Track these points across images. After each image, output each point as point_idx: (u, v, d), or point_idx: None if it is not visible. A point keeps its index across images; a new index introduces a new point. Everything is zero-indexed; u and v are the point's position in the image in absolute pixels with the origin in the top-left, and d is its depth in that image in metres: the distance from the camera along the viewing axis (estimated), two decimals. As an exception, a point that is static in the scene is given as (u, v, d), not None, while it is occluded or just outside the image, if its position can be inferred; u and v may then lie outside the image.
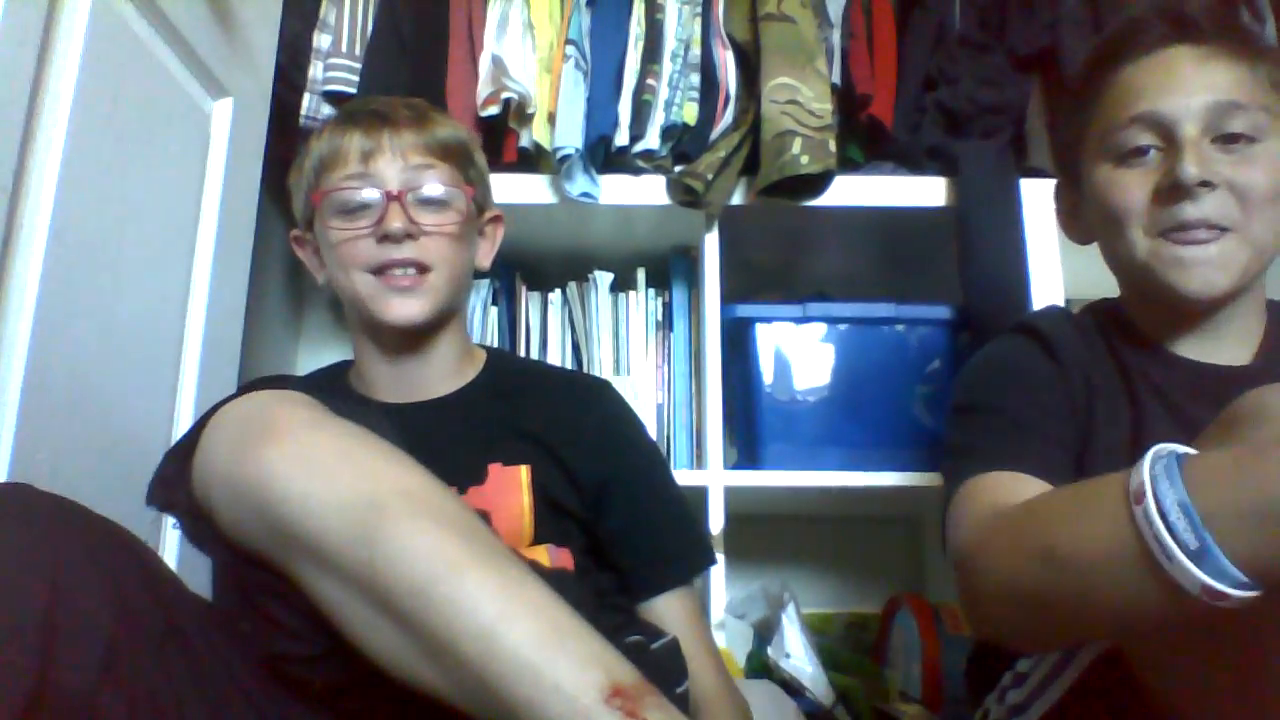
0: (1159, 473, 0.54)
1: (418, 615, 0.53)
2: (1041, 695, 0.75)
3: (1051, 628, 0.66)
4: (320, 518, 0.56)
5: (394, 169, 0.91)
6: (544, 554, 0.88)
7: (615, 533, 0.92)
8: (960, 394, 0.92)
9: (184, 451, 0.63)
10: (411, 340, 0.96)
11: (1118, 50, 0.87)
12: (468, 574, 0.54)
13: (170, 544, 1.02)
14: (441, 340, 0.97)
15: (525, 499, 0.89)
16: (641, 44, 1.47)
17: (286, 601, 0.59)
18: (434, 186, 0.93)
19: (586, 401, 0.98)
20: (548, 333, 1.60)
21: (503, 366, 1.03)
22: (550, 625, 0.53)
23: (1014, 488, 0.77)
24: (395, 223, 0.89)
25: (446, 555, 0.54)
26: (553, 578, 0.71)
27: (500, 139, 1.46)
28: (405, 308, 0.91)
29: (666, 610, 0.91)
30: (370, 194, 0.91)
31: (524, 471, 0.90)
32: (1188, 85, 0.82)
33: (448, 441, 0.93)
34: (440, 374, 0.97)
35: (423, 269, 0.92)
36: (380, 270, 0.91)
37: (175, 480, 0.63)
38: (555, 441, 0.92)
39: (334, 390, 1.00)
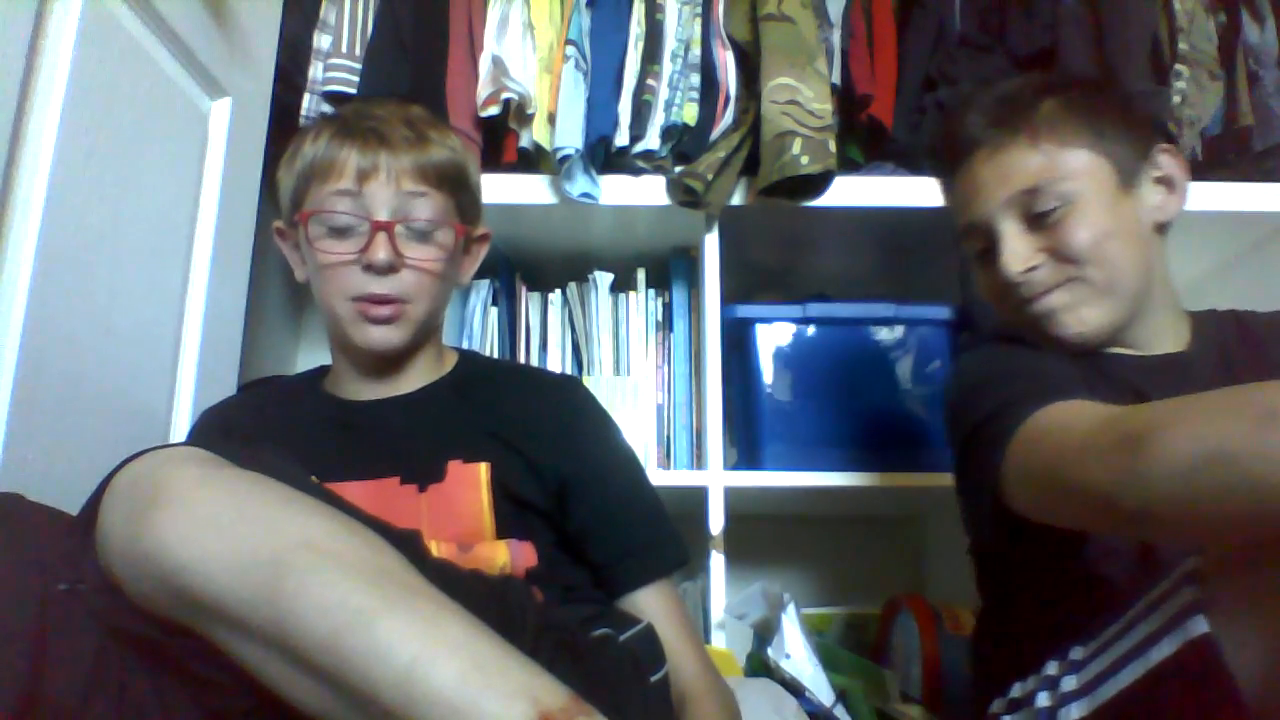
0: None
1: (333, 670, 0.52)
2: (1109, 680, 0.72)
3: (1246, 500, 0.60)
4: (223, 581, 0.54)
5: (386, 194, 0.90)
6: (504, 550, 0.88)
7: (582, 528, 0.92)
8: (967, 379, 0.95)
9: (85, 524, 0.61)
10: (384, 359, 0.96)
11: (943, 173, 1.00)
12: (377, 622, 0.52)
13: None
14: (415, 355, 0.97)
15: (484, 496, 0.89)
16: (641, 44, 1.47)
17: (213, 660, 0.58)
18: (424, 219, 0.91)
19: (550, 396, 0.98)
20: (548, 333, 1.60)
21: (470, 365, 1.02)
22: (471, 661, 0.52)
23: (1093, 408, 0.76)
24: (380, 254, 0.88)
25: (354, 605, 0.53)
26: (494, 588, 0.70)
27: (500, 139, 1.46)
28: (382, 337, 0.91)
29: (645, 606, 0.91)
30: (359, 221, 0.90)
31: (483, 469, 0.89)
32: (987, 187, 0.92)
33: (409, 438, 0.93)
34: (411, 378, 0.98)
35: (403, 300, 0.91)
36: (360, 299, 0.91)
37: (79, 555, 0.60)
38: (517, 436, 0.92)
39: (304, 392, 1.01)
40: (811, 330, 1.49)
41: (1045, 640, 0.83)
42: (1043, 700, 0.80)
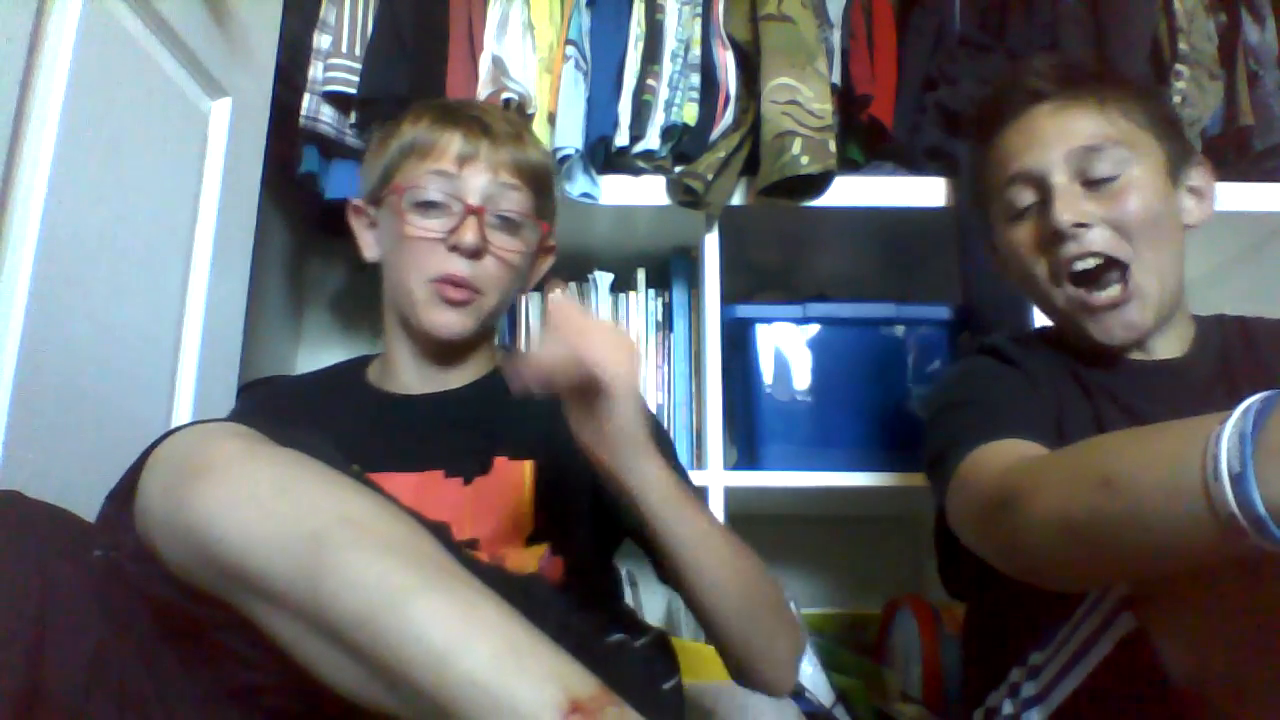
0: (1253, 404, 0.52)
1: (368, 647, 0.52)
2: (1060, 683, 0.75)
3: (1103, 559, 0.64)
4: (262, 555, 0.54)
5: (482, 181, 0.92)
6: (534, 563, 0.88)
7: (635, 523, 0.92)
8: (937, 399, 0.97)
9: (124, 493, 0.62)
10: (445, 347, 0.97)
11: (990, 122, 0.97)
12: (414, 601, 0.53)
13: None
14: (472, 352, 0.99)
15: (527, 494, 0.89)
16: (641, 44, 1.47)
17: (241, 634, 0.58)
18: (514, 210, 0.94)
19: None
20: (548, 333, 1.60)
21: None
22: (506, 645, 0.52)
23: (1024, 449, 0.78)
24: (469, 236, 0.90)
25: (392, 584, 0.53)
26: (518, 584, 0.70)
27: (500, 139, 1.46)
28: (451, 322, 0.93)
29: None
30: (453, 201, 0.92)
31: (528, 467, 0.90)
32: (1047, 139, 0.91)
33: (456, 432, 0.94)
34: (463, 374, 0.99)
35: (477, 290, 0.93)
36: (439, 279, 0.92)
37: (117, 523, 0.61)
38: (566, 434, 0.92)
39: (342, 384, 1.01)
40: (811, 330, 1.49)
41: (1011, 644, 0.85)
42: (1007, 709, 0.81)
